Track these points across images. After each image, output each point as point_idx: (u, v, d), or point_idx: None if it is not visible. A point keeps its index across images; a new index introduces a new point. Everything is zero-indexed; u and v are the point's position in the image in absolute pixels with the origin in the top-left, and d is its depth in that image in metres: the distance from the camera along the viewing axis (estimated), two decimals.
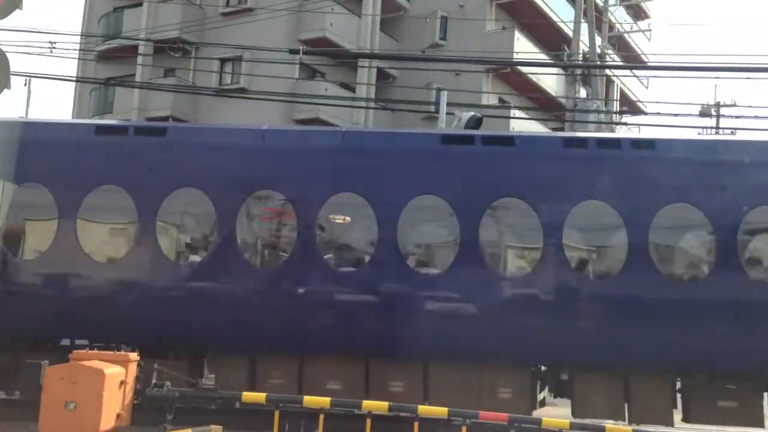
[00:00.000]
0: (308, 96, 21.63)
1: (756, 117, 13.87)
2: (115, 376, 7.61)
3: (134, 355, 8.01)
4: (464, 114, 12.91)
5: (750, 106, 49.70)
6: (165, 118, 24.02)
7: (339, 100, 22.92)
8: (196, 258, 9.46)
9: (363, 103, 23.83)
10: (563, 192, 9.01)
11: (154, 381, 8.12)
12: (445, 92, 15.01)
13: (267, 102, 19.60)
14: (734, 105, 29.22)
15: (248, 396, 8.04)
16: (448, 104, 14.94)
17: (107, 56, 26.13)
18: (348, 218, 9.40)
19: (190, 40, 23.08)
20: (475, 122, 12.45)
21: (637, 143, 9.38)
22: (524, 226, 9.13)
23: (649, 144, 9.26)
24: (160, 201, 9.27)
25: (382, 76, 25.62)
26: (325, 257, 9.25)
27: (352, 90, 25.13)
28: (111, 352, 8.15)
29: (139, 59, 23.60)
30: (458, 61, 19.79)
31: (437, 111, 14.98)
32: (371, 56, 22.96)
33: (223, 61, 24.88)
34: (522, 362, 9.00)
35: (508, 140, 9.84)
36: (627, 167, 9.07)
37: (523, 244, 9.33)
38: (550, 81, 26.49)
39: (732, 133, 31.25)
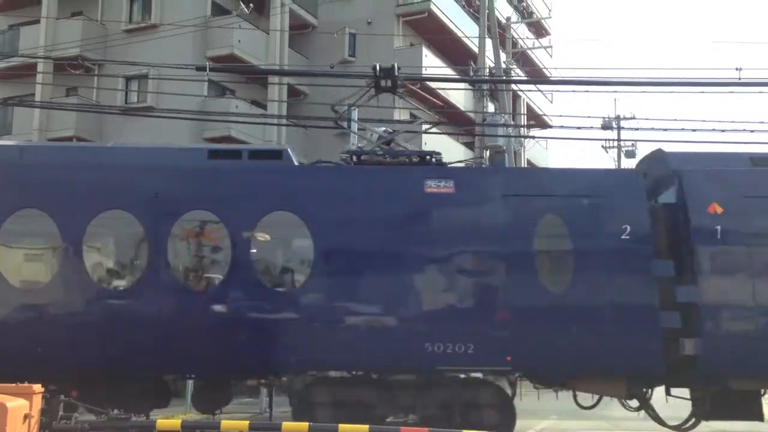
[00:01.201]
0: (218, 114, 21.31)
1: (653, 129, 14.60)
2: (19, 410, 7.20)
3: (38, 387, 7.62)
4: (375, 129, 13.01)
5: (647, 119, 52.31)
6: (69, 139, 23.21)
7: (250, 117, 22.68)
8: None
9: (275, 120, 23.66)
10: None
11: (60, 413, 7.75)
12: (356, 108, 15.09)
13: (176, 120, 19.19)
14: (633, 118, 30.70)
15: (163, 424, 7.78)
16: (361, 120, 15.02)
17: (4, 75, 25.07)
18: None
19: (92, 58, 22.40)
20: (387, 137, 12.54)
21: None
22: None
23: None
24: None
25: (293, 92, 25.56)
26: None
27: (264, 107, 24.95)
28: (13, 385, 7.72)
29: (39, 78, 22.72)
30: (368, 77, 19.90)
31: (350, 127, 15.06)
32: (281, 73, 22.84)
33: (129, 78, 24.25)
34: None
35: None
36: None
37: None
38: (459, 96, 27.08)
39: (633, 145, 32.80)
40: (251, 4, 23.37)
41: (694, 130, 12.78)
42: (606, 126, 28.86)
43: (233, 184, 9.37)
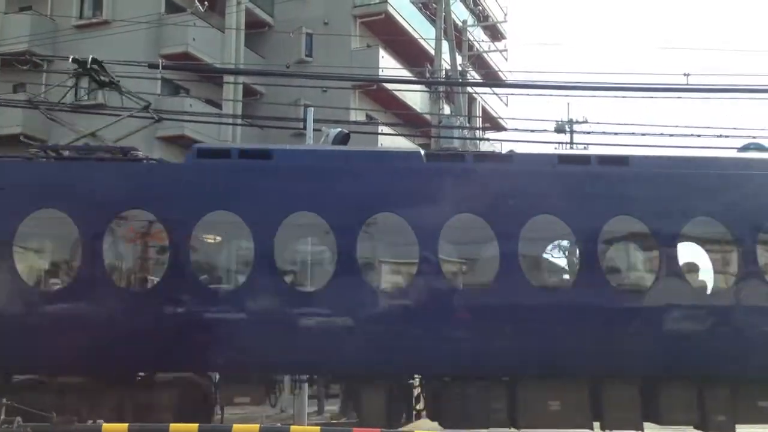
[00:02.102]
0: (172, 112, 20.96)
1: (604, 133, 14.87)
2: None
3: None
4: (332, 130, 12.95)
5: (599, 123, 53.11)
6: (15, 136, 22.59)
7: (205, 116, 22.38)
8: None
9: (230, 120, 23.41)
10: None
11: (2, 417, 7.52)
12: (312, 108, 15.03)
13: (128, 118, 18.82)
14: (585, 122, 31.17)
15: (108, 427, 7.62)
16: (317, 121, 14.96)
17: None
18: None
19: (41, 53, 21.86)
20: (343, 138, 12.51)
21: None
22: None
23: None
24: None
25: (248, 92, 25.32)
26: None
27: (219, 106, 24.66)
28: None
29: None
30: (325, 77, 19.86)
31: (305, 127, 14.97)
32: (236, 72, 22.63)
33: (78, 75, 23.66)
34: None
35: None
36: None
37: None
38: (415, 98, 27.16)
39: (585, 148, 33.30)
40: (206, 2, 23.08)
41: (643, 134, 13.03)
42: (559, 129, 29.23)
43: None
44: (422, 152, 9.87)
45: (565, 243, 9.64)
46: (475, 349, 8.80)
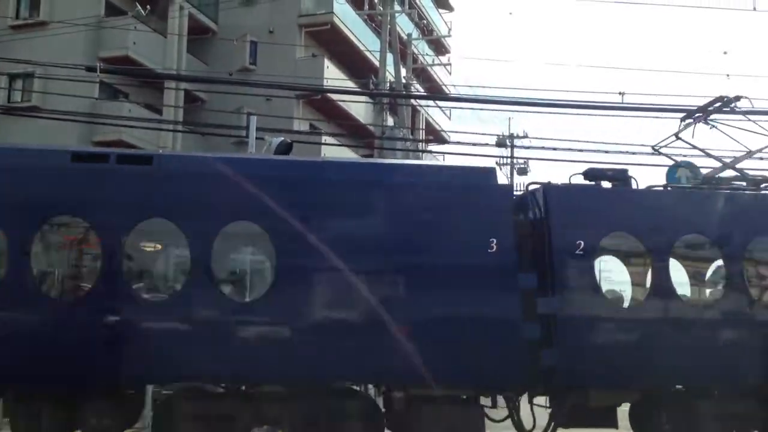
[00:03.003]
0: (110, 117, 20.55)
1: (543, 148, 15.26)
2: None
3: None
4: (274, 139, 12.87)
5: (539, 138, 54.39)
6: None
7: (144, 122, 21.97)
8: None
9: (170, 126, 23.04)
10: None
11: None
12: (255, 117, 14.94)
13: (64, 122, 18.37)
14: (526, 136, 31.81)
15: None
16: (260, 129, 14.85)
17: None
18: None
19: None
20: (285, 147, 12.44)
21: None
22: None
23: None
24: None
25: (190, 98, 24.97)
26: None
27: (159, 112, 24.25)
28: None
29: None
30: (269, 86, 19.75)
31: (248, 136, 14.85)
32: (178, 78, 22.26)
33: (12, 77, 22.99)
34: None
35: None
36: None
37: None
38: (359, 108, 27.25)
39: (524, 162, 33.98)
40: (148, 6, 22.70)
41: (581, 150, 13.38)
42: (500, 144, 29.80)
43: None
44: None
45: None
46: None
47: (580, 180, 9.94)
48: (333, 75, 26.57)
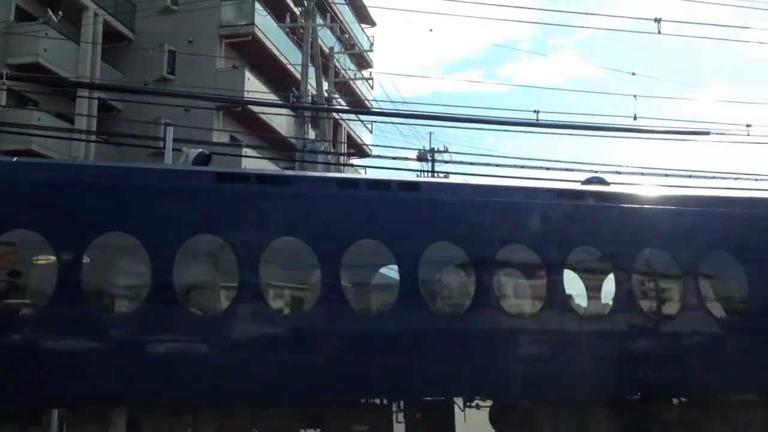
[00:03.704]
0: (17, 125, 19.67)
1: (462, 162, 15.65)
2: None
3: None
4: (191, 150, 12.60)
5: (459, 153, 55.51)
6: None
7: (55, 131, 21.14)
8: None
9: (83, 136, 22.27)
10: None
11: None
12: (172, 128, 14.61)
13: None
14: (446, 151, 32.31)
15: None
16: (177, 140, 14.53)
17: None
18: None
19: None
20: (203, 159, 12.20)
21: None
22: None
23: None
24: None
25: (104, 107, 24.22)
26: None
27: (71, 121, 23.40)
28: None
29: None
30: (187, 96, 19.38)
31: (165, 147, 14.50)
32: (91, 86, 21.59)
33: None
34: None
35: None
36: None
37: None
38: (281, 121, 27.05)
39: (445, 176, 34.51)
40: (60, 12, 21.91)
41: (497, 165, 13.66)
42: (421, 158, 30.14)
43: None
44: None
45: None
46: None
47: None
48: (254, 87, 26.29)
